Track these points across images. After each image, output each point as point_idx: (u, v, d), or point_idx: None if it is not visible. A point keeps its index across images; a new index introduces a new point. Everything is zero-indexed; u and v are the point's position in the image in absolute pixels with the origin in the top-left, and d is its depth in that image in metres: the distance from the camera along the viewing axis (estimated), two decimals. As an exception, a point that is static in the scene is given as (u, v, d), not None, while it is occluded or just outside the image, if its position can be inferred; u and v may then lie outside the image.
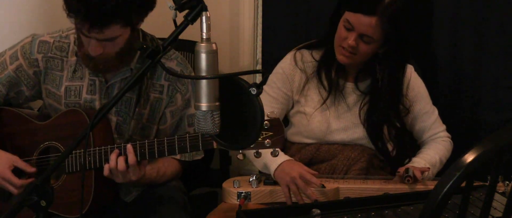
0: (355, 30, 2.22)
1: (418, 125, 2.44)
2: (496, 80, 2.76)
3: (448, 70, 2.83)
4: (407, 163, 2.35)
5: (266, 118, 1.61)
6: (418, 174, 2.20)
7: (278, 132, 1.58)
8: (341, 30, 2.26)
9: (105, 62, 2.05)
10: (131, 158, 1.96)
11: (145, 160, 2.01)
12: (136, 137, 2.18)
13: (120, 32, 1.97)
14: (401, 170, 2.24)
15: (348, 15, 2.23)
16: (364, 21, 2.20)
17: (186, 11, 1.36)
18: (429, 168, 2.28)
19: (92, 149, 2.03)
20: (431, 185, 2.22)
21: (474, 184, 1.33)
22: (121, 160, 1.96)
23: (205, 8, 1.35)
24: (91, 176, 2.05)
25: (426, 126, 2.44)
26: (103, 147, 2.02)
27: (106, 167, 1.98)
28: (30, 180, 2.09)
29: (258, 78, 2.93)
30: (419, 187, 2.22)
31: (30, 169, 2.10)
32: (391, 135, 2.38)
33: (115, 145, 2.02)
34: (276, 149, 1.65)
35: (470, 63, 2.79)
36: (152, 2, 1.99)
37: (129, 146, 1.97)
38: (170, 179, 2.25)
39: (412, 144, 2.49)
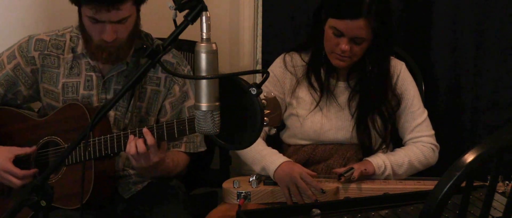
0: (345, 35, 2.23)
1: (402, 123, 2.41)
2: (496, 80, 2.76)
3: (448, 70, 2.82)
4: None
5: (262, 97, 1.60)
6: (355, 174, 2.22)
7: (275, 109, 1.58)
8: (330, 37, 2.26)
9: (119, 49, 2.09)
10: (150, 138, 1.97)
11: (164, 142, 2.02)
12: (133, 130, 2.18)
13: (131, 12, 2.03)
14: (342, 169, 2.25)
15: (334, 23, 2.23)
16: (352, 26, 2.21)
17: (186, 11, 1.37)
18: (374, 170, 2.27)
19: (91, 139, 2.04)
20: (431, 185, 2.22)
21: (474, 184, 1.33)
22: (140, 142, 1.97)
23: (205, 8, 1.35)
24: (91, 167, 2.06)
25: (410, 127, 2.40)
26: (102, 137, 2.04)
27: (130, 148, 1.98)
28: (32, 170, 2.11)
29: (258, 78, 2.93)
30: (419, 187, 2.22)
31: (30, 149, 2.12)
32: (379, 127, 2.37)
33: (122, 132, 2.03)
34: (273, 127, 1.64)
35: (470, 63, 2.78)
36: None
37: (145, 129, 1.98)
38: (180, 171, 2.25)
39: (395, 139, 2.47)
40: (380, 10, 2.22)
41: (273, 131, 1.61)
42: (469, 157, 1.23)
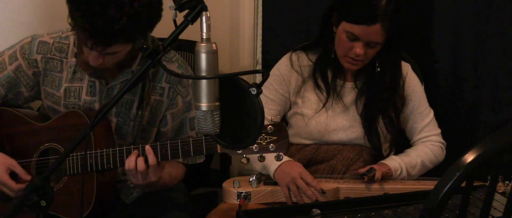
0: (361, 40, 2.23)
1: (410, 124, 2.43)
2: (496, 80, 2.76)
3: (448, 70, 2.83)
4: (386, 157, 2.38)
5: (270, 122, 1.60)
6: (377, 175, 2.22)
7: (282, 136, 1.58)
8: (344, 41, 2.26)
9: (104, 71, 2.06)
10: (152, 158, 1.95)
11: (164, 161, 1.99)
12: (138, 140, 2.17)
13: (122, 48, 1.96)
14: (364, 169, 2.25)
15: (350, 27, 2.23)
16: (369, 31, 2.21)
17: (186, 11, 1.36)
18: (392, 173, 2.28)
19: (93, 151, 2.02)
20: (431, 185, 2.23)
21: (474, 184, 1.33)
22: (140, 160, 1.94)
23: (205, 8, 1.35)
24: (93, 178, 2.04)
25: (418, 127, 2.42)
26: (105, 150, 2.01)
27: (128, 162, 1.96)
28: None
29: (258, 78, 2.93)
30: (419, 187, 2.23)
31: (26, 176, 2.08)
32: (387, 128, 2.37)
33: (125, 147, 2.00)
34: (280, 153, 1.65)
35: (470, 63, 2.78)
36: (157, 18, 1.94)
37: (147, 147, 1.95)
38: (177, 182, 2.24)
39: (404, 141, 2.48)
40: (394, 14, 2.23)
41: (281, 157, 1.61)
42: (469, 157, 1.22)
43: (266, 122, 1.55)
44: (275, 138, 1.42)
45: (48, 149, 2.14)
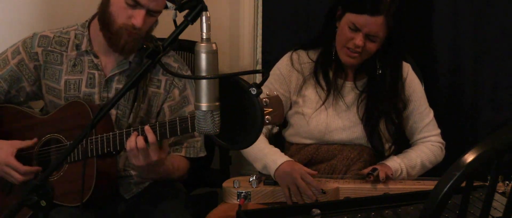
0: (362, 31, 2.23)
1: (410, 124, 2.44)
2: (496, 80, 2.76)
3: (448, 70, 2.82)
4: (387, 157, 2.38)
5: (265, 96, 1.61)
6: (381, 175, 2.23)
7: (278, 108, 1.58)
8: (345, 32, 2.27)
9: (134, 41, 2.09)
10: (151, 136, 1.97)
11: (166, 141, 2.02)
12: (136, 128, 2.19)
13: (162, 7, 2.05)
14: (367, 170, 2.26)
15: (353, 18, 2.24)
16: (371, 22, 2.22)
17: (186, 11, 1.37)
18: (392, 173, 2.28)
19: (93, 137, 2.05)
20: (431, 185, 2.23)
21: (474, 184, 1.33)
22: (140, 139, 1.97)
23: (205, 8, 1.35)
24: (93, 165, 2.06)
25: (418, 127, 2.43)
26: (105, 134, 2.04)
27: (129, 143, 1.99)
28: (34, 167, 2.12)
29: (258, 78, 2.93)
30: (419, 187, 2.23)
31: (31, 142, 2.13)
32: (389, 131, 2.38)
33: (125, 130, 2.03)
34: (273, 125, 1.63)
35: (470, 63, 2.78)
36: None
37: (147, 127, 1.98)
38: (181, 175, 2.26)
39: (405, 140, 2.48)
40: (398, 11, 2.24)
41: (276, 129, 1.61)
42: (469, 157, 1.22)
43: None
44: (270, 109, 1.42)
45: (50, 140, 2.17)
